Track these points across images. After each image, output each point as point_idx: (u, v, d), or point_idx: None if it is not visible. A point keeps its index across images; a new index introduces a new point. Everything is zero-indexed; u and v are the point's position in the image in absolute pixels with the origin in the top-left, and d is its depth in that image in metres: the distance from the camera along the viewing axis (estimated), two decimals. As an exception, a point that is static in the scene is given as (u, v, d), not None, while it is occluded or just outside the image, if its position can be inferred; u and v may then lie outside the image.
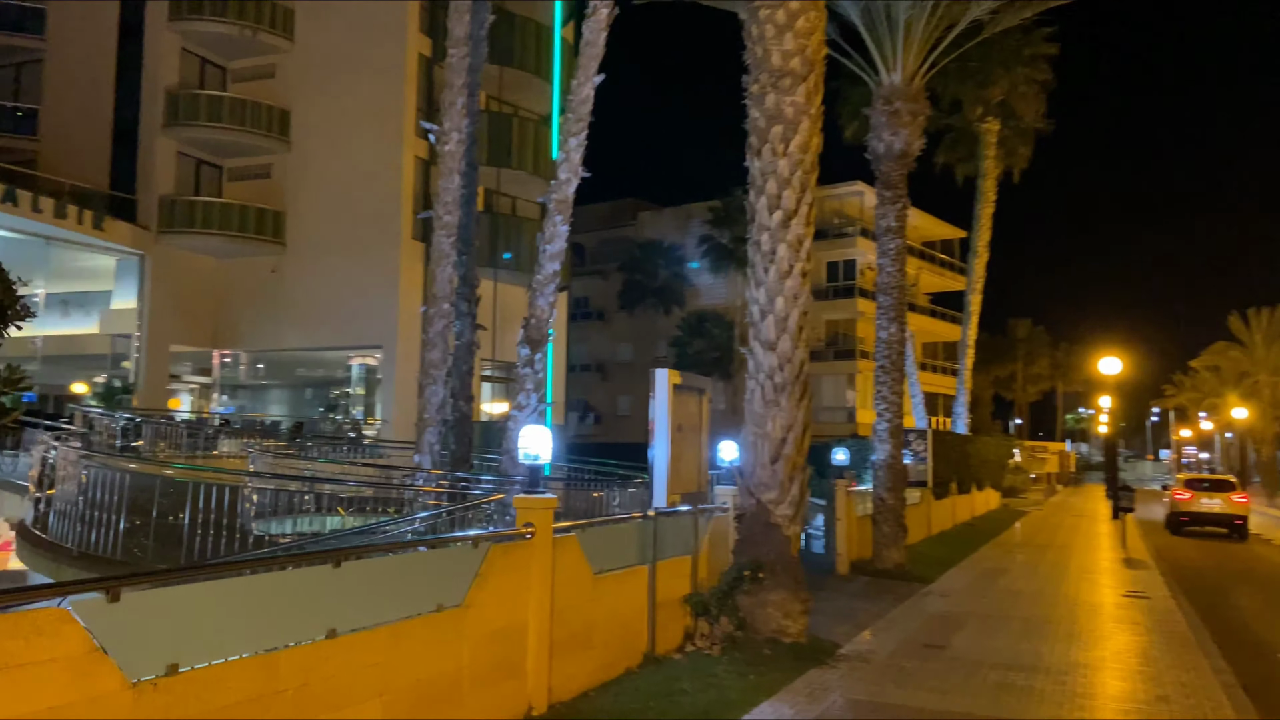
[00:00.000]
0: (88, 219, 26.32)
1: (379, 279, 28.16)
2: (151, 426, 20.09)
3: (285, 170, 30.28)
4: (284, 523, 10.79)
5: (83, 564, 10.27)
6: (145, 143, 29.07)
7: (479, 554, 6.29)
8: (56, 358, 30.39)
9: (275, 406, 37.10)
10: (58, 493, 11.07)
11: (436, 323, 14.43)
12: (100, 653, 3.68)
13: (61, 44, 31.44)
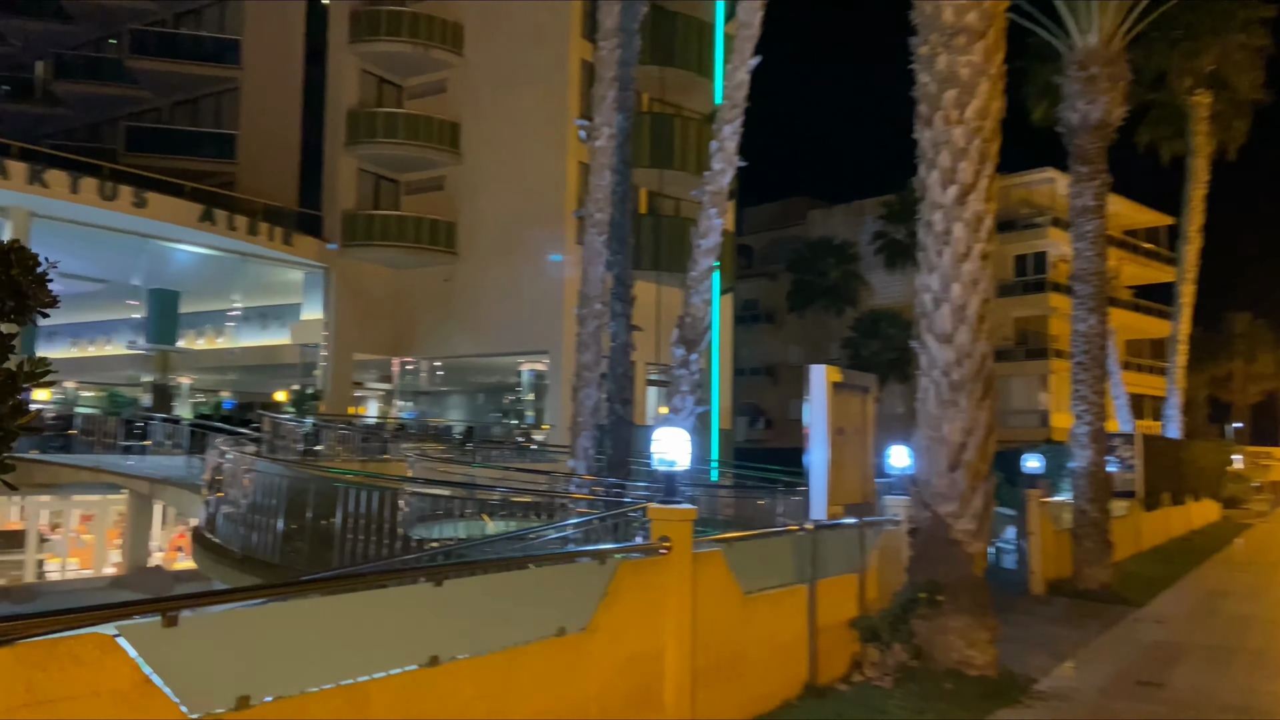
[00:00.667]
0: (278, 235, 27.85)
1: (544, 285, 28.36)
2: (331, 431, 20.80)
3: (456, 182, 31.09)
4: (432, 528, 10.60)
5: (245, 567, 10.41)
6: (329, 161, 30.54)
7: (607, 571, 5.63)
8: (254, 367, 32.41)
9: (454, 412, 38.25)
10: (225, 496, 11.36)
11: (589, 324, 14.02)
12: (152, 685, 3.25)
13: (255, 73, 33.61)
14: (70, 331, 40.29)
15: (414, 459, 14.36)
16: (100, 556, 22.93)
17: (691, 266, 13.79)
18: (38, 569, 21.58)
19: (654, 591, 5.89)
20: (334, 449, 19.89)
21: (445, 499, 11.26)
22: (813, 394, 8.03)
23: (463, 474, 14.47)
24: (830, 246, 49.39)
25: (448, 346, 30.97)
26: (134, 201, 24.16)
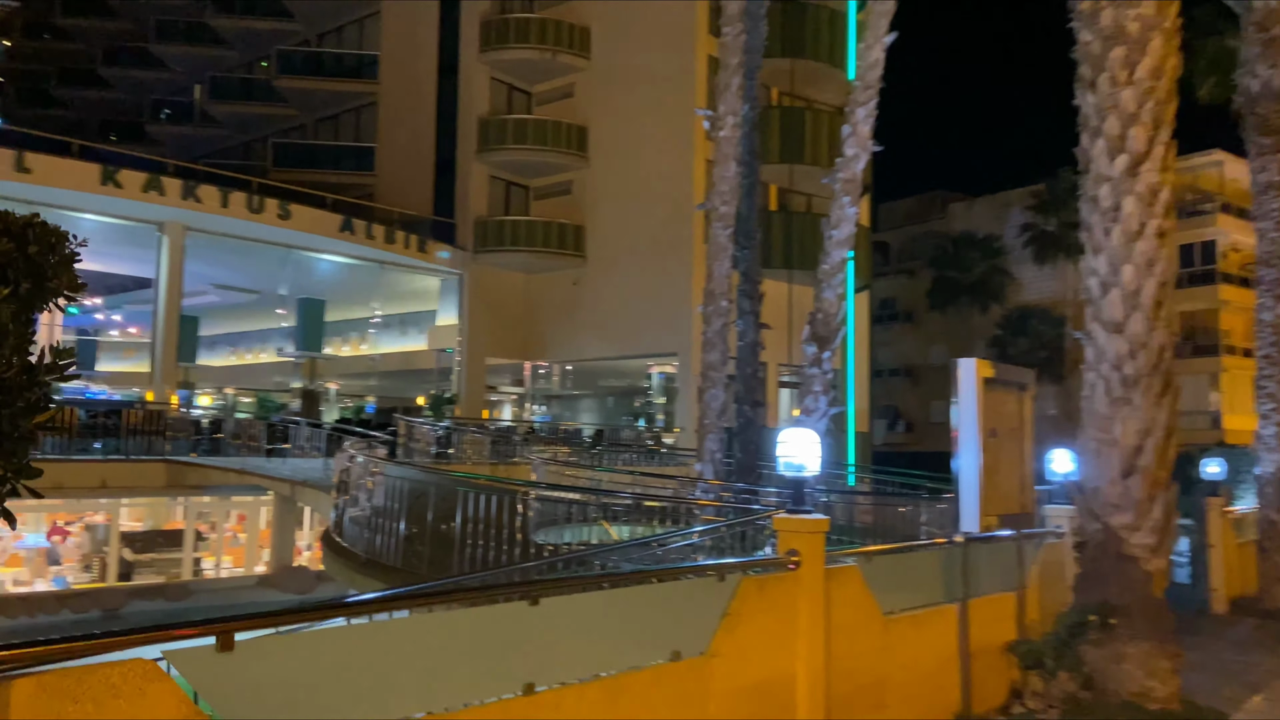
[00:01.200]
0: (413, 243, 28.47)
1: (672, 286, 27.93)
2: (463, 435, 20.95)
3: (584, 185, 31.09)
4: (555, 533, 10.24)
5: (368, 571, 10.33)
6: (461, 169, 31.06)
7: (728, 587, 5.04)
8: (394, 373, 33.30)
9: (586, 415, 38.35)
10: (351, 498, 11.36)
11: (714, 322, 13.43)
12: (204, 717, 2.88)
13: (392, 86, 34.60)
14: (229, 341, 42.61)
15: (538, 463, 14.12)
16: (252, 556, 23.84)
17: (823, 259, 13.03)
18: (195, 567, 22.56)
19: (782, 611, 5.26)
20: (464, 452, 19.98)
21: (568, 503, 10.91)
22: (961, 391, 7.20)
23: (587, 478, 14.13)
24: (973, 241, 47.09)
25: (578, 350, 30.97)
26: (279, 213, 25.09)
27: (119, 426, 20.66)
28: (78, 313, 33.08)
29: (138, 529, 23.20)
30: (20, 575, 21.25)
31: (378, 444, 13.35)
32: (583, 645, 4.29)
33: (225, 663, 3.03)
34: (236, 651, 3.04)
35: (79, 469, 19.34)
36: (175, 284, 24.71)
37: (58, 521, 22.80)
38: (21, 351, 2.37)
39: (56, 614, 18.72)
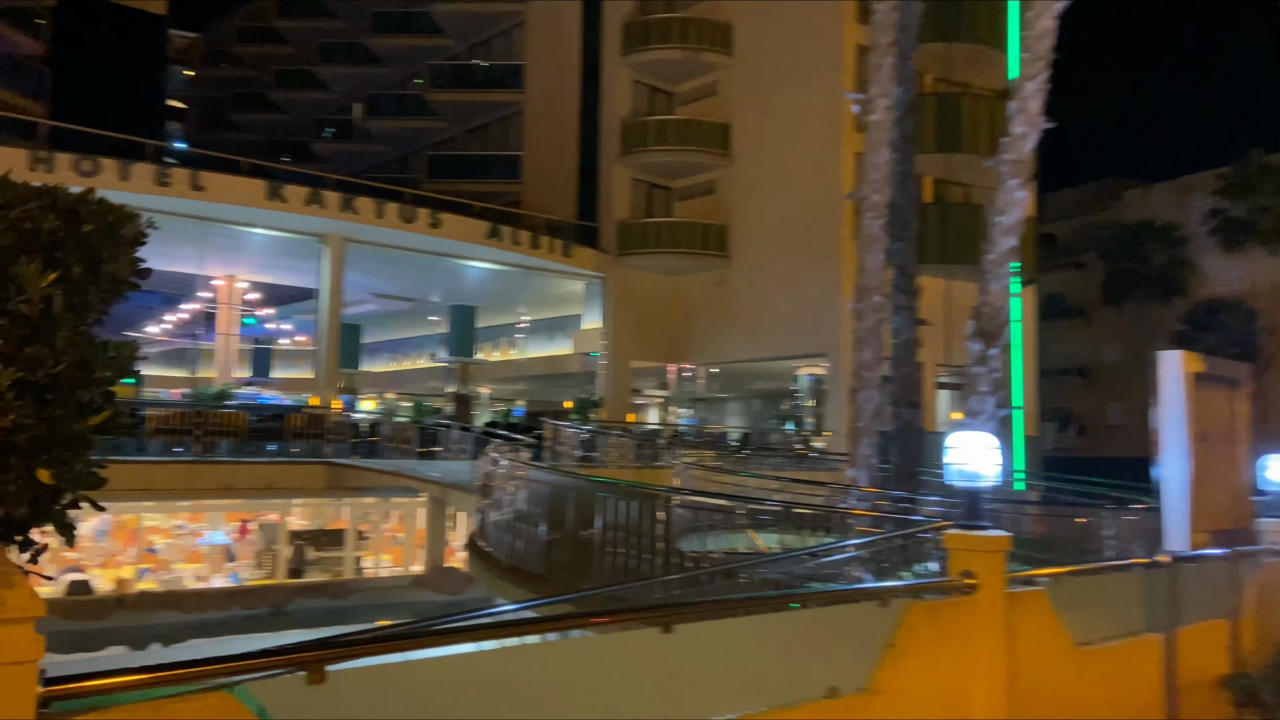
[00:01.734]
0: (557, 248, 28.67)
1: (820, 285, 27.00)
2: (607, 438, 20.78)
3: (728, 184, 30.54)
4: (699, 540, 9.76)
5: (511, 576, 10.13)
6: (604, 173, 31.10)
7: (892, 613, 4.40)
8: (541, 377, 33.68)
9: (733, 418, 37.74)
10: (494, 502, 11.23)
11: (867, 318, 12.61)
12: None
13: (537, 95, 35.08)
14: (389, 347, 44.36)
15: (681, 467, 13.68)
16: (408, 556, 24.47)
17: (988, 248, 12.01)
18: (356, 565, 23.31)
19: (956, 642, 4.58)
20: (608, 456, 19.79)
21: (713, 510, 10.41)
22: (1165, 389, 6.23)
23: (733, 483, 13.58)
24: (1152, 229, 43.60)
25: (723, 351, 30.42)
26: (430, 222, 25.73)
27: (283, 430, 21.56)
28: (254, 323, 35.06)
29: (305, 528, 24.24)
30: (201, 571, 22.50)
31: (521, 447, 13.23)
32: (723, 677, 3.77)
33: (317, 694, 2.68)
34: (334, 683, 2.68)
35: (248, 470, 20.28)
36: (336, 293, 25.70)
37: (238, 520, 24.09)
38: (76, 346, 2.07)
39: (227, 610, 19.64)
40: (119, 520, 22.18)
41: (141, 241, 2.39)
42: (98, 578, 20.69)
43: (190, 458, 19.78)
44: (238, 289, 30.38)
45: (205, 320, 30.48)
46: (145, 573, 21.36)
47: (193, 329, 30.92)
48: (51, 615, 14.42)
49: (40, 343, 2.03)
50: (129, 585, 19.99)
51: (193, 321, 30.43)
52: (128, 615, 18.37)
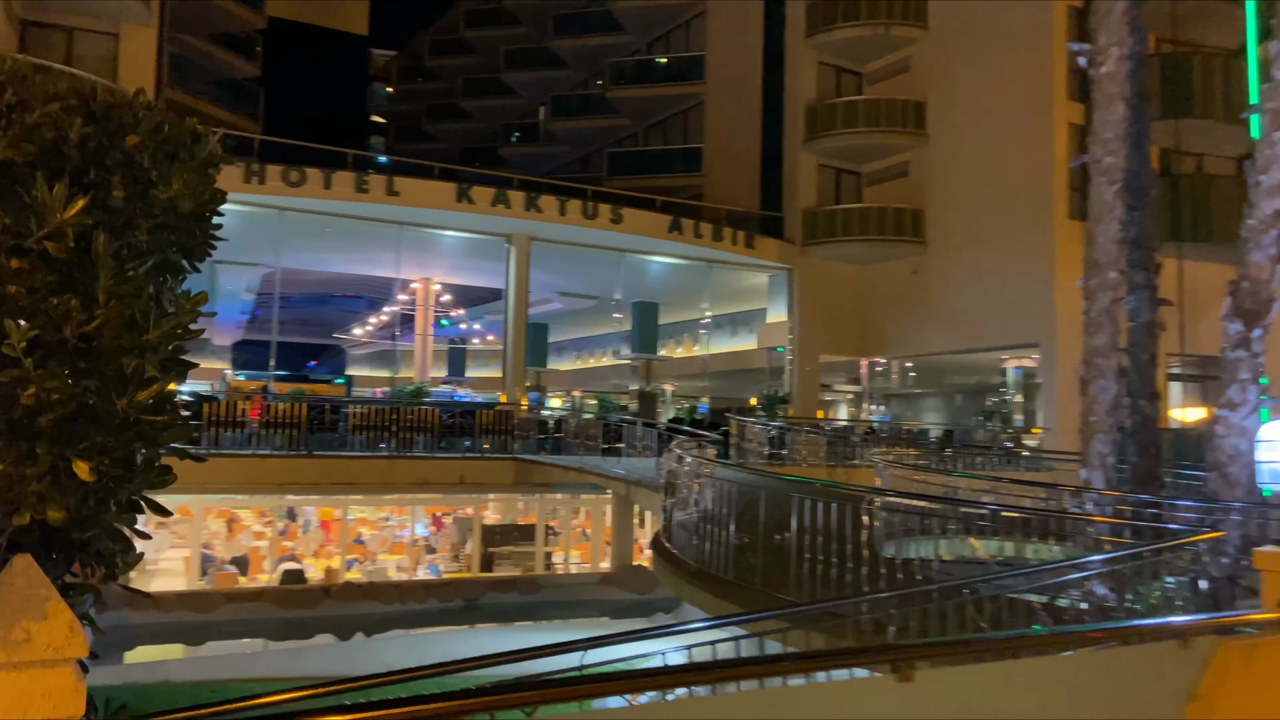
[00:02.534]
0: (740, 239, 27.87)
1: (1031, 269, 24.83)
2: (796, 435, 19.82)
3: (922, 165, 28.74)
4: (905, 545, 8.75)
5: (698, 581, 9.47)
6: (789, 160, 29.99)
7: (1194, 656, 3.37)
8: (725, 373, 32.96)
9: (929, 415, 35.70)
10: (679, 501, 10.62)
11: (1100, 297, 11.06)
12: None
13: (718, 85, 34.38)
14: (574, 346, 45.00)
15: (881, 466, 12.58)
16: (596, 553, 24.42)
17: (1247, 213, 10.28)
18: (546, 561, 23.46)
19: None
20: (798, 454, 18.81)
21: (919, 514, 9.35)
22: None
23: (940, 484, 12.36)
24: None
25: (919, 344, 28.64)
26: (612, 218, 25.57)
27: (474, 426, 21.91)
28: (447, 324, 36.32)
29: (496, 522, 24.67)
30: (402, 562, 23.29)
31: (706, 444, 12.56)
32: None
33: None
34: None
35: (441, 465, 20.70)
36: (522, 292, 26.00)
37: (435, 513, 24.86)
38: (120, 298, 1.52)
39: (424, 602, 20.10)
40: (328, 512, 23.32)
41: (215, 164, 1.83)
42: (310, 566, 21.78)
43: (388, 453, 20.37)
44: (433, 291, 31.42)
45: (403, 322, 31.72)
46: (353, 563, 22.31)
47: (392, 331, 32.28)
48: (265, 602, 15.09)
49: (71, 292, 1.50)
50: (337, 575, 20.87)
51: (391, 324, 31.75)
52: (334, 605, 19.11)
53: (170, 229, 1.70)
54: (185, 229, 1.76)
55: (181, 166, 1.66)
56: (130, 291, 1.55)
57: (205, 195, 1.80)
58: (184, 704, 9.96)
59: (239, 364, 40.70)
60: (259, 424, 19.59)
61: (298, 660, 13.61)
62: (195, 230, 1.80)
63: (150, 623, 17.44)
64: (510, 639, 16.19)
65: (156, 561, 22.38)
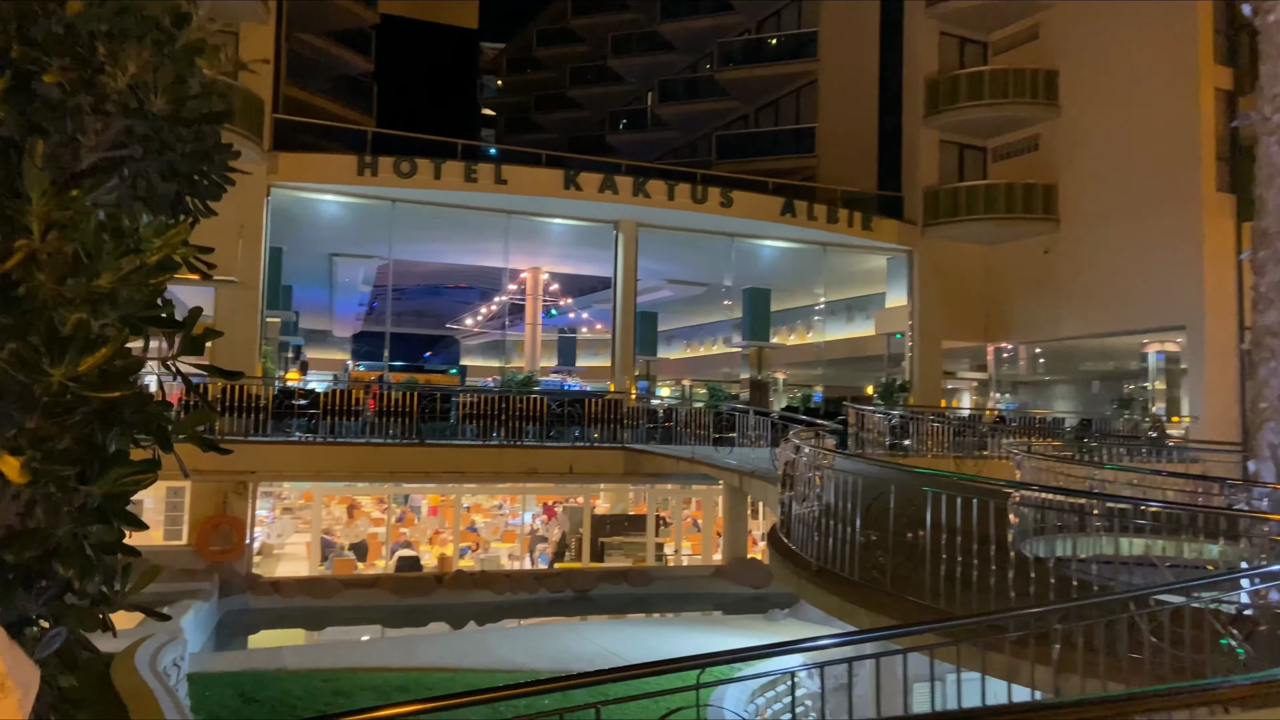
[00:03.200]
0: (857, 221, 26.78)
1: (1176, 246, 23.03)
2: (919, 425, 18.82)
3: (1054, 138, 27.02)
4: (1048, 544, 7.91)
5: (820, 581, 8.82)
6: (908, 137, 28.69)
7: None
8: (841, 360, 31.89)
9: (1060, 403, 33.80)
10: (798, 494, 9.97)
11: (1271, 270, 9.83)
12: None
13: (831, 62, 33.19)
14: (684, 334, 44.51)
15: (1020, 458, 11.62)
16: (708, 544, 23.92)
17: None
18: (657, 552, 23.09)
19: None
20: (923, 444, 17.83)
21: (1066, 509, 8.46)
22: None
23: (1083, 476, 11.34)
24: None
25: (1050, 328, 26.99)
26: (721, 201, 24.90)
27: (583, 415, 21.66)
28: (555, 314, 36.34)
29: (606, 512, 24.44)
30: (514, 550, 23.32)
31: (826, 434, 11.84)
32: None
33: None
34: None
35: (550, 454, 20.53)
36: (630, 279, 25.62)
37: (546, 502, 24.82)
38: (61, 229, 1.06)
39: (535, 592, 19.98)
40: (444, 500, 23.53)
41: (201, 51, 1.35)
42: (425, 553, 21.99)
43: (498, 442, 20.31)
44: (541, 280, 31.40)
45: (513, 312, 31.83)
46: (466, 550, 22.43)
47: (502, 321, 32.44)
48: (381, 590, 15.14)
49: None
50: (450, 563, 20.98)
51: (501, 314, 31.90)
52: (446, 594, 19.18)
53: (148, 141, 1.25)
54: (169, 142, 1.30)
55: (141, 47, 1.22)
56: (72, 219, 1.10)
57: (189, 94, 1.34)
58: (298, 692, 9.85)
59: (359, 355, 41.79)
60: (374, 414, 19.80)
61: (411, 650, 13.57)
62: (182, 141, 1.35)
63: (272, 607, 17.84)
64: (624, 632, 15.87)
65: (283, 546, 23.05)
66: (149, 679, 6.67)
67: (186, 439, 1.70)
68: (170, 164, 1.37)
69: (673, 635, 15.20)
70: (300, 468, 18.76)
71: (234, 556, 17.99)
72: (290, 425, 19.17)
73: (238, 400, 18.56)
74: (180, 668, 8.50)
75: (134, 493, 1.42)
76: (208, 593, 15.71)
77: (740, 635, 15.26)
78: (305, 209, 23.55)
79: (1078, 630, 5.51)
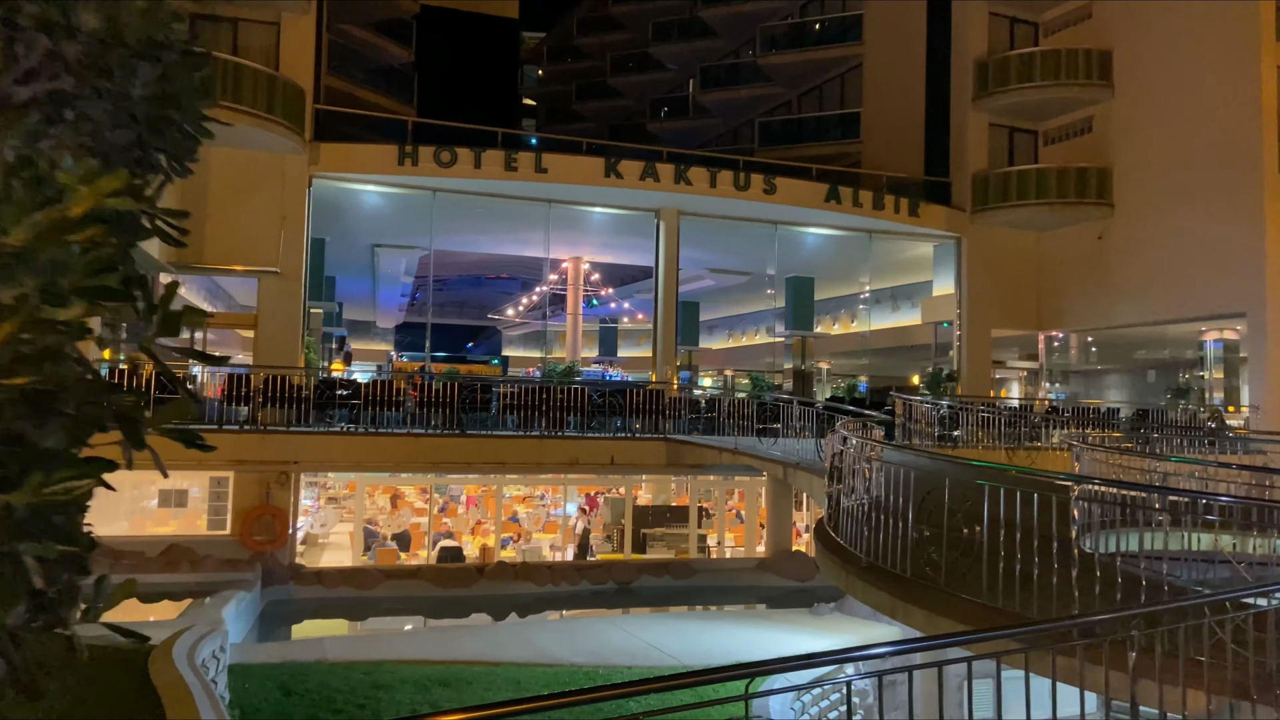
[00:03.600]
0: (903, 207, 26.23)
1: (1236, 231, 22.25)
2: (969, 415, 18.33)
3: (1108, 120, 26.23)
4: (1110, 538, 7.52)
5: (869, 577, 8.51)
6: (956, 121, 28.03)
7: None
8: (886, 350, 31.35)
9: (1112, 392, 32.94)
10: (846, 487, 9.65)
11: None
12: None
13: (877, 45, 32.56)
14: (726, 324, 44.16)
15: (1079, 450, 11.17)
16: (751, 537, 23.62)
17: None
18: (699, 544, 22.84)
19: None
20: (973, 435, 17.36)
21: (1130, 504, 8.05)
22: None
23: (1146, 468, 10.87)
24: None
25: (1104, 316, 26.25)
26: (764, 188, 24.51)
27: (624, 406, 21.44)
28: (596, 304, 36.18)
29: (648, 503, 24.24)
30: (556, 541, 23.21)
31: (874, 424, 11.50)
32: None
33: None
34: None
35: (591, 445, 20.35)
36: (672, 269, 25.35)
37: (588, 493, 24.69)
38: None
39: (576, 584, 19.84)
40: (485, 490, 23.50)
41: None
42: (467, 544, 21.97)
43: (538, 433, 20.18)
44: (582, 270, 31.24)
45: (554, 302, 31.73)
46: (508, 541, 22.37)
47: (543, 311, 32.35)
48: (422, 580, 15.09)
49: None
50: (492, 553, 20.93)
51: (542, 304, 31.81)
52: (488, 585, 19.11)
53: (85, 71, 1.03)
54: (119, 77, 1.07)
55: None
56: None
57: (135, 5, 1.12)
58: (337, 684, 9.74)
59: (402, 346, 42.04)
60: (415, 404, 19.77)
61: (451, 642, 13.48)
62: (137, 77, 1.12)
63: (315, 598, 17.90)
64: (667, 626, 15.66)
65: (327, 536, 23.18)
66: (186, 672, 6.59)
67: (172, 435, 1.50)
68: (123, 105, 1.16)
69: (716, 630, 14.95)
70: (342, 458, 18.79)
71: (277, 546, 18.06)
72: (332, 416, 19.20)
73: (281, 391, 18.61)
74: (220, 660, 8.44)
75: (77, 501, 1.21)
76: (250, 583, 15.76)
77: (785, 630, 14.97)
78: (347, 199, 23.59)
79: (1157, 634, 5.17)
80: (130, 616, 14.40)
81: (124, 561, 15.73)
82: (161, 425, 1.45)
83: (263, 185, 21.04)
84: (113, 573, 10.68)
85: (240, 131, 19.62)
